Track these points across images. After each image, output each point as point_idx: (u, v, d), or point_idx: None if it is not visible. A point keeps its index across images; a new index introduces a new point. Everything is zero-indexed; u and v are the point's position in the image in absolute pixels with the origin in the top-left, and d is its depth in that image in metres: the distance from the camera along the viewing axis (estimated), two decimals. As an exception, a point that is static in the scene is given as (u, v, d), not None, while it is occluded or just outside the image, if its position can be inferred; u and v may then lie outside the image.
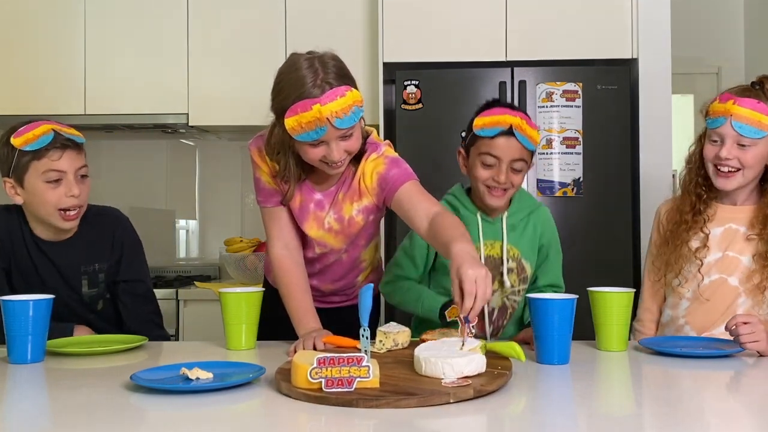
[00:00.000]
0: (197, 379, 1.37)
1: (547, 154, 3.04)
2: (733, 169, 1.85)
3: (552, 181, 3.03)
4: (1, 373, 1.57)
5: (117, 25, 3.51)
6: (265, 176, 1.89)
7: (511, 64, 3.11)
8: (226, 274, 3.66)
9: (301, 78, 1.67)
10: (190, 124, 3.49)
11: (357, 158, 1.83)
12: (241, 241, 3.49)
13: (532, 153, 1.93)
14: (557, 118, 3.05)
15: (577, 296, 1.63)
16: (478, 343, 1.50)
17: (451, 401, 1.25)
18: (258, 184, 1.92)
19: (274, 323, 1.92)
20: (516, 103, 3.05)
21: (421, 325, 1.95)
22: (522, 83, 3.06)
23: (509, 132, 1.86)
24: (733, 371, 1.57)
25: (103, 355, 1.73)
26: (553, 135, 3.05)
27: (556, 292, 1.96)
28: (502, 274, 1.93)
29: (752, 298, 1.85)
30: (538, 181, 3.03)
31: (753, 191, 1.93)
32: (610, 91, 3.05)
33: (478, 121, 1.91)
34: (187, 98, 3.48)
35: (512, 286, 1.95)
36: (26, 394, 1.41)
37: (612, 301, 1.71)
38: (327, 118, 1.65)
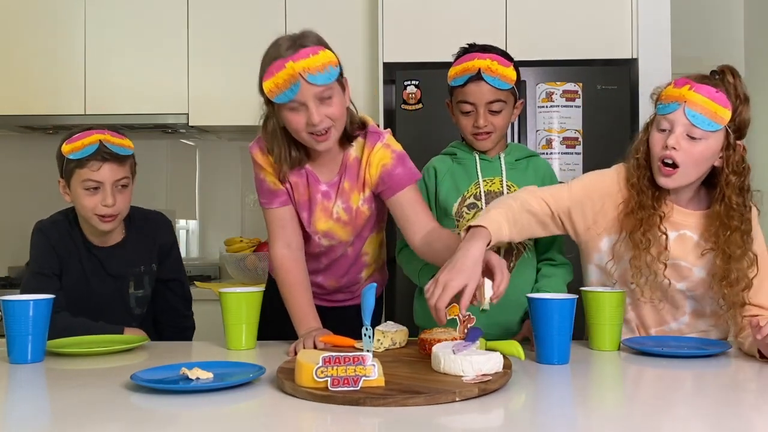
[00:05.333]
0: (197, 379, 1.38)
1: (547, 154, 3.04)
2: (674, 165, 1.69)
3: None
4: (1, 373, 1.57)
5: (117, 25, 3.51)
6: (269, 177, 1.88)
7: (511, 64, 3.11)
8: (226, 274, 3.66)
9: (278, 46, 1.73)
10: (190, 124, 3.49)
11: (347, 138, 1.85)
12: (241, 241, 3.49)
13: (512, 91, 1.94)
14: (557, 118, 3.05)
15: (577, 296, 1.64)
16: (477, 342, 1.51)
17: (457, 399, 1.26)
18: (261, 185, 1.91)
19: (279, 321, 1.92)
20: (516, 103, 3.06)
21: (423, 316, 1.98)
22: (522, 83, 3.05)
23: (478, 76, 1.89)
24: (724, 369, 1.58)
25: (103, 355, 1.73)
26: (553, 135, 3.05)
27: (553, 265, 1.96)
28: None
29: (698, 301, 1.80)
30: (538, 181, 3.03)
31: (698, 193, 1.79)
32: (610, 91, 3.05)
33: (451, 72, 1.96)
34: (187, 98, 3.48)
35: None
36: (26, 394, 1.41)
37: (604, 301, 1.71)
38: (299, 74, 1.68)
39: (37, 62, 3.52)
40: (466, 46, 1.99)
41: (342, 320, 1.94)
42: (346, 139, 1.85)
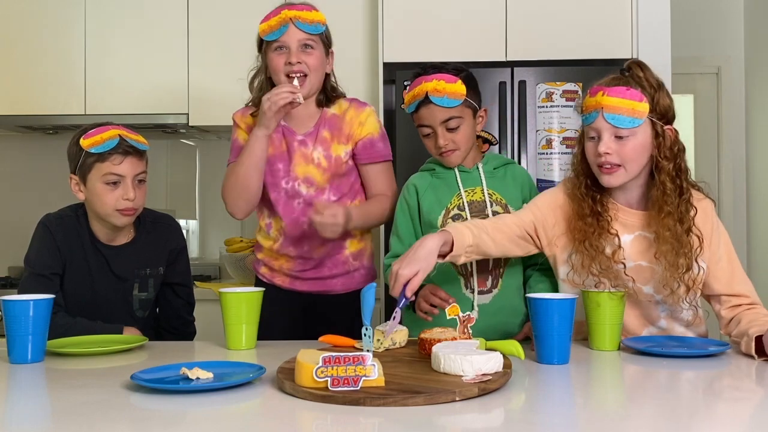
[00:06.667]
0: (197, 379, 1.38)
1: (547, 154, 3.04)
2: (614, 165, 1.73)
3: (552, 181, 3.03)
4: (1, 373, 1.57)
5: (117, 25, 3.51)
6: (243, 134, 2.14)
7: (511, 64, 3.11)
8: (226, 274, 3.66)
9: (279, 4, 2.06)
10: (190, 124, 3.49)
11: (327, 99, 2.12)
12: (241, 241, 3.49)
13: (466, 104, 1.94)
14: (557, 118, 3.05)
15: (577, 296, 1.64)
16: (477, 341, 1.51)
17: (457, 399, 1.26)
18: (234, 144, 2.16)
19: (271, 321, 1.94)
20: (516, 103, 3.06)
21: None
22: (522, 83, 3.06)
23: (427, 100, 1.92)
24: (723, 369, 1.57)
25: (103, 355, 1.73)
26: (553, 135, 3.05)
27: (541, 269, 1.96)
28: (487, 216, 1.95)
29: (670, 305, 1.80)
30: (538, 181, 3.03)
31: (647, 193, 1.80)
32: (610, 91, 3.05)
33: (405, 99, 2.02)
34: (187, 98, 3.48)
35: None
36: (26, 394, 1.42)
37: (604, 301, 1.71)
38: (290, 18, 2.03)
39: (37, 62, 3.52)
40: (419, 70, 2.01)
41: (336, 310, 2.07)
42: (325, 100, 2.12)
